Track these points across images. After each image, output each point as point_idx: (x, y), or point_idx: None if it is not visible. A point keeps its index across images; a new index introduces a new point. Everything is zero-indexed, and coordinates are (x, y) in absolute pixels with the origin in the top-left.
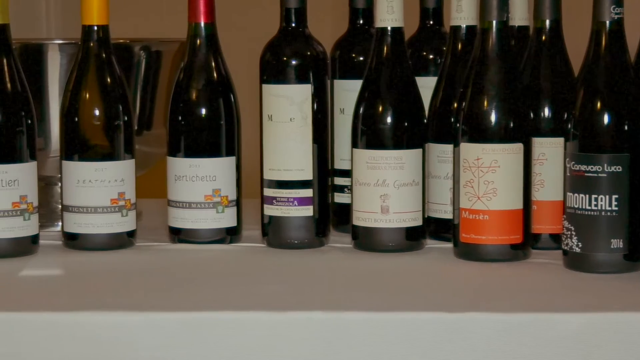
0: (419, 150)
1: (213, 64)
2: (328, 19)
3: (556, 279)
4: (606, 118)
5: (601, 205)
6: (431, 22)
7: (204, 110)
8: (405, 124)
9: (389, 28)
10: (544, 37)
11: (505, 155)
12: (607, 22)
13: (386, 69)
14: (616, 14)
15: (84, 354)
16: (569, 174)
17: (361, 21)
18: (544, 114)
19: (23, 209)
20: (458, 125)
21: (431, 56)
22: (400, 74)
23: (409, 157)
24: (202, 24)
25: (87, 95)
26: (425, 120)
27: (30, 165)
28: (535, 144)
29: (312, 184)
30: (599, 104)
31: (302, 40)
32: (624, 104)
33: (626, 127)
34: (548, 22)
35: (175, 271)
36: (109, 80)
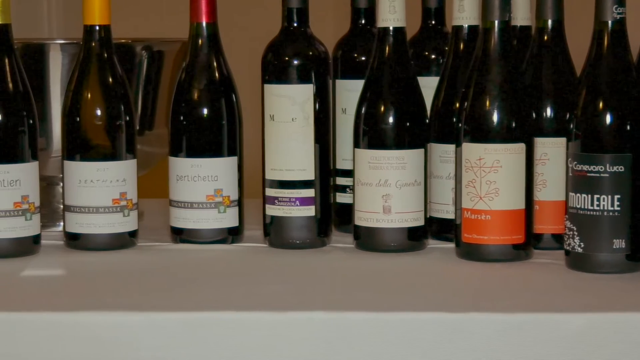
0: (421, 150)
1: (215, 64)
2: (330, 18)
3: (558, 279)
4: (608, 118)
5: (603, 205)
6: (433, 22)
7: (205, 110)
8: (407, 124)
9: (391, 28)
10: (546, 37)
11: (508, 155)
12: (609, 22)
13: (388, 69)
14: (618, 13)
15: (85, 354)
16: (571, 174)
17: (363, 21)
18: (546, 114)
19: (25, 209)
20: (460, 125)
21: (433, 56)
22: (402, 74)
23: (411, 157)
24: (204, 24)
25: (89, 95)
26: (427, 120)
27: (32, 165)
28: (538, 144)
29: (314, 184)
30: (601, 104)
31: (304, 40)
32: (626, 104)
33: (628, 127)
34: (550, 22)
35: (177, 271)
36: (110, 80)
